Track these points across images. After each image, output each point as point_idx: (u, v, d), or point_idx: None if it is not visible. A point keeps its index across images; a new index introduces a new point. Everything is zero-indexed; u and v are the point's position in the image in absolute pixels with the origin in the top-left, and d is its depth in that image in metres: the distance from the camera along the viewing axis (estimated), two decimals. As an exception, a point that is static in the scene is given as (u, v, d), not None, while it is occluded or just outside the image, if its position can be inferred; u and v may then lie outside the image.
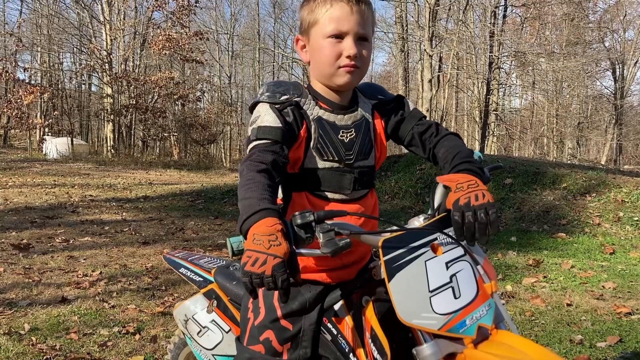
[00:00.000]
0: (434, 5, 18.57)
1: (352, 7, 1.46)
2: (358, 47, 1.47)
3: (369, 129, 1.59)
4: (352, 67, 1.47)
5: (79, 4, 26.52)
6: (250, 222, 1.19)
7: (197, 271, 2.12)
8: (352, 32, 1.46)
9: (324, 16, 1.47)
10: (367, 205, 1.59)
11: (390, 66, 43.97)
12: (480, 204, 1.25)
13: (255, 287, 1.13)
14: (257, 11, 36.93)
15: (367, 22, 1.50)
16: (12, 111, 22.42)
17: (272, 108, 1.48)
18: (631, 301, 4.32)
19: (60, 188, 11.87)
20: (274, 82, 1.56)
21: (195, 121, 27.32)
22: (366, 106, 1.61)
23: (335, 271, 1.58)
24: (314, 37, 1.51)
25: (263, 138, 1.42)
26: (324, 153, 1.52)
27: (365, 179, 1.58)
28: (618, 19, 31.66)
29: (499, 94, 27.32)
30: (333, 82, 1.52)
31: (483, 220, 1.23)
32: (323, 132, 1.52)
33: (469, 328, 1.23)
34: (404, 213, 8.82)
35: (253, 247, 1.14)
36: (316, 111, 1.53)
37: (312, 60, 1.55)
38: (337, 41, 1.46)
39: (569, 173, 9.10)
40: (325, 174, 1.53)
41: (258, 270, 1.11)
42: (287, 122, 1.47)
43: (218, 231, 7.51)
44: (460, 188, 1.30)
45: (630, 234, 6.86)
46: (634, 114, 38.30)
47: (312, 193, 1.54)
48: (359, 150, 1.55)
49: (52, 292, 4.37)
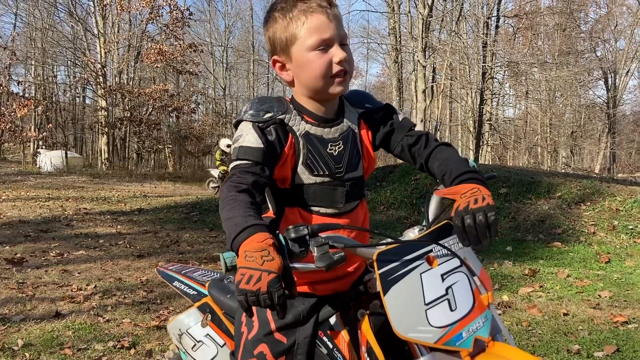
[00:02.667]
0: (427, 17, 18.68)
1: (328, 13, 1.44)
2: (343, 51, 1.46)
3: (356, 140, 1.58)
4: (344, 73, 1.46)
5: (73, 17, 26.58)
6: (240, 239, 1.18)
7: (191, 284, 2.10)
8: (336, 38, 1.45)
9: (302, 30, 1.44)
10: (358, 216, 1.59)
11: (384, 77, 44.18)
12: (479, 207, 1.25)
13: (252, 305, 1.11)
14: (251, 23, 37.13)
15: (342, 24, 1.49)
16: (5, 124, 22.32)
17: (254, 127, 1.45)
18: (627, 310, 4.32)
19: (55, 201, 11.81)
20: (257, 99, 1.54)
21: (190, 133, 27.33)
22: (352, 116, 1.59)
23: (329, 283, 1.56)
24: (296, 53, 1.47)
25: (244, 159, 1.41)
26: (314, 168, 1.50)
27: (356, 191, 1.57)
28: (609, 28, 31.93)
29: (493, 103, 27.47)
30: (327, 94, 1.49)
31: (482, 222, 1.23)
32: (312, 147, 1.50)
33: (466, 341, 1.22)
34: (399, 223, 8.82)
35: (246, 265, 1.12)
36: (302, 126, 1.51)
37: (299, 77, 1.51)
38: (323, 51, 1.44)
39: (563, 182, 9.12)
40: (316, 189, 1.51)
41: (253, 287, 1.09)
42: (269, 142, 1.44)
43: (213, 243, 7.48)
44: (464, 196, 1.30)
45: (625, 242, 6.87)
46: (627, 122, 38.54)
47: (305, 209, 1.52)
48: (348, 162, 1.54)
49: (46, 306, 4.33)
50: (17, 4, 29.33)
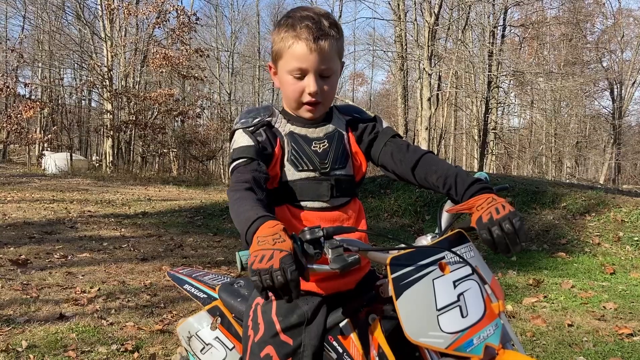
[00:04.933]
0: (433, 25, 18.73)
1: (310, 47, 1.50)
2: (319, 83, 1.54)
3: (343, 140, 1.64)
4: (314, 103, 1.56)
5: (81, 21, 26.73)
6: (253, 229, 1.23)
7: (202, 288, 2.11)
8: (312, 70, 1.53)
9: (287, 52, 1.54)
10: (349, 213, 1.61)
11: (389, 84, 44.22)
12: (503, 215, 1.27)
13: (266, 284, 1.13)
14: (257, 29, 37.30)
15: (329, 57, 1.54)
16: (11, 126, 22.41)
17: (245, 132, 1.57)
18: (632, 322, 4.30)
19: (59, 203, 11.83)
20: (245, 110, 1.67)
21: (195, 137, 27.37)
22: (340, 122, 1.67)
23: (332, 281, 1.57)
24: (280, 69, 1.59)
25: (239, 157, 1.50)
26: (298, 164, 1.57)
27: (344, 187, 1.60)
28: (616, 39, 31.92)
29: (498, 112, 27.46)
30: (298, 114, 1.61)
31: (510, 230, 1.25)
32: (295, 144, 1.58)
33: (476, 347, 1.22)
34: (403, 231, 8.81)
35: (259, 248, 1.16)
36: (287, 127, 1.61)
37: (281, 89, 1.63)
38: (299, 78, 1.54)
39: (568, 192, 9.10)
40: (302, 184, 1.57)
41: (266, 265, 1.12)
42: (260, 142, 1.54)
43: (217, 248, 7.48)
44: (480, 207, 1.31)
45: (630, 254, 6.85)
46: (632, 133, 38.45)
47: (292, 204, 1.57)
48: (333, 159, 1.60)
49: (50, 308, 4.33)
50: (25, 6, 29.54)
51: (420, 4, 20.86)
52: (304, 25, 1.51)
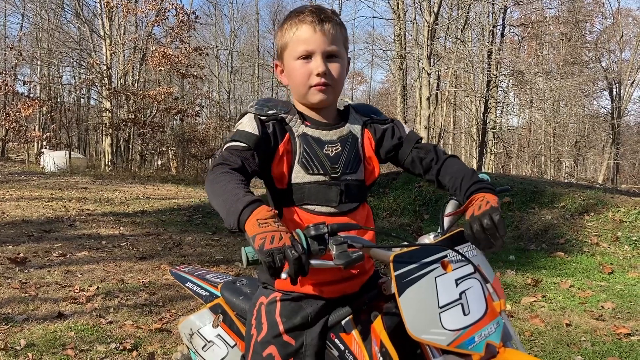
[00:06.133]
0: (432, 24, 18.73)
1: (315, 27, 1.53)
2: (327, 64, 1.54)
3: (357, 144, 1.63)
4: (323, 84, 1.55)
5: (80, 19, 26.65)
6: (248, 212, 1.23)
7: (204, 286, 2.12)
8: (319, 51, 1.54)
9: (292, 39, 1.56)
10: (358, 219, 1.61)
11: (388, 83, 44.26)
12: (483, 211, 1.31)
13: (281, 263, 1.14)
14: (256, 28, 37.29)
15: (335, 39, 1.57)
16: (10, 124, 22.38)
17: (255, 118, 1.55)
18: (630, 322, 4.31)
19: (58, 202, 11.81)
20: (264, 98, 1.65)
21: (194, 136, 27.33)
22: (356, 122, 1.66)
23: (337, 284, 1.58)
24: (286, 60, 1.60)
25: (238, 140, 1.50)
26: (309, 167, 1.55)
27: (353, 192, 1.60)
28: (615, 39, 31.96)
29: (497, 112, 27.45)
30: (308, 100, 1.59)
31: (489, 225, 1.29)
32: (307, 146, 1.57)
33: (478, 345, 1.23)
34: (402, 230, 8.81)
35: (261, 230, 1.18)
36: (301, 128, 1.59)
37: (289, 82, 1.63)
38: (307, 61, 1.55)
39: (567, 192, 9.11)
40: (311, 187, 1.56)
41: (279, 244, 1.15)
42: (265, 133, 1.53)
43: (216, 247, 7.48)
44: (471, 207, 1.37)
45: (628, 253, 6.86)
46: (631, 133, 38.47)
47: (301, 207, 1.56)
48: (345, 163, 1.59)
49: (49, 307, 4.33)
50: (24, 4, 29.51)
51: (419, 3, 20.87)
52: (307, 11, 1.55)
